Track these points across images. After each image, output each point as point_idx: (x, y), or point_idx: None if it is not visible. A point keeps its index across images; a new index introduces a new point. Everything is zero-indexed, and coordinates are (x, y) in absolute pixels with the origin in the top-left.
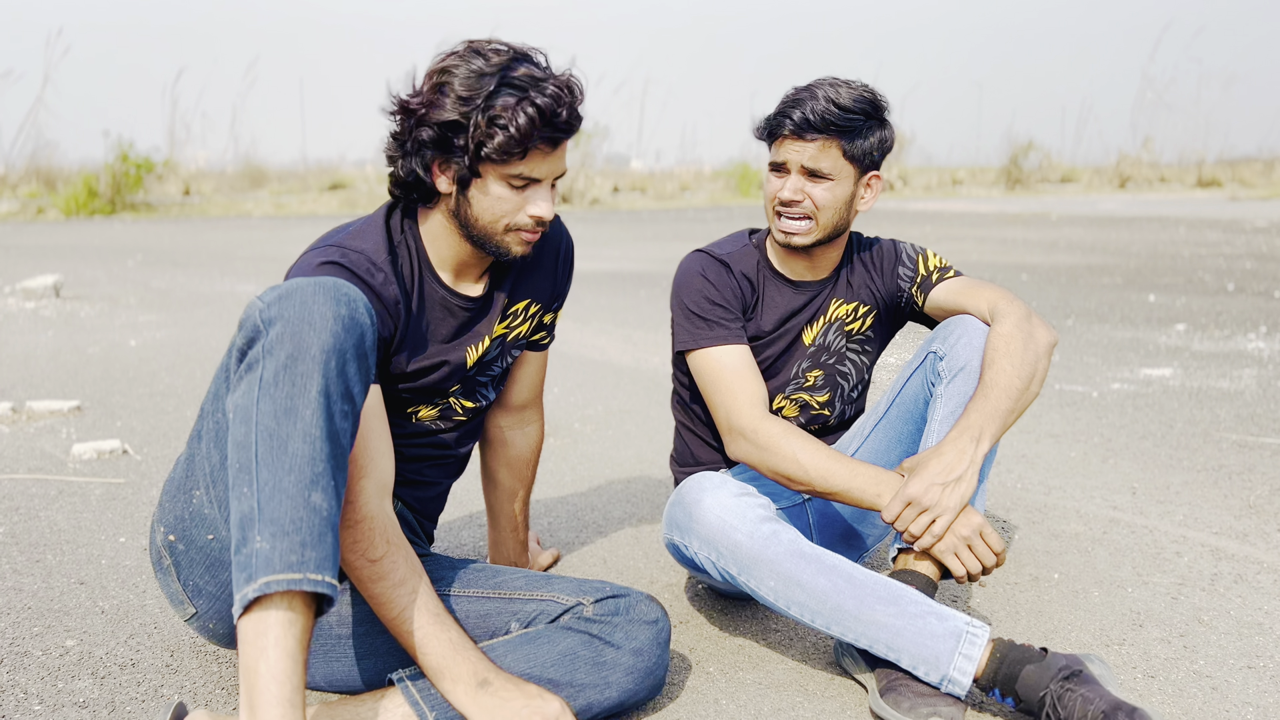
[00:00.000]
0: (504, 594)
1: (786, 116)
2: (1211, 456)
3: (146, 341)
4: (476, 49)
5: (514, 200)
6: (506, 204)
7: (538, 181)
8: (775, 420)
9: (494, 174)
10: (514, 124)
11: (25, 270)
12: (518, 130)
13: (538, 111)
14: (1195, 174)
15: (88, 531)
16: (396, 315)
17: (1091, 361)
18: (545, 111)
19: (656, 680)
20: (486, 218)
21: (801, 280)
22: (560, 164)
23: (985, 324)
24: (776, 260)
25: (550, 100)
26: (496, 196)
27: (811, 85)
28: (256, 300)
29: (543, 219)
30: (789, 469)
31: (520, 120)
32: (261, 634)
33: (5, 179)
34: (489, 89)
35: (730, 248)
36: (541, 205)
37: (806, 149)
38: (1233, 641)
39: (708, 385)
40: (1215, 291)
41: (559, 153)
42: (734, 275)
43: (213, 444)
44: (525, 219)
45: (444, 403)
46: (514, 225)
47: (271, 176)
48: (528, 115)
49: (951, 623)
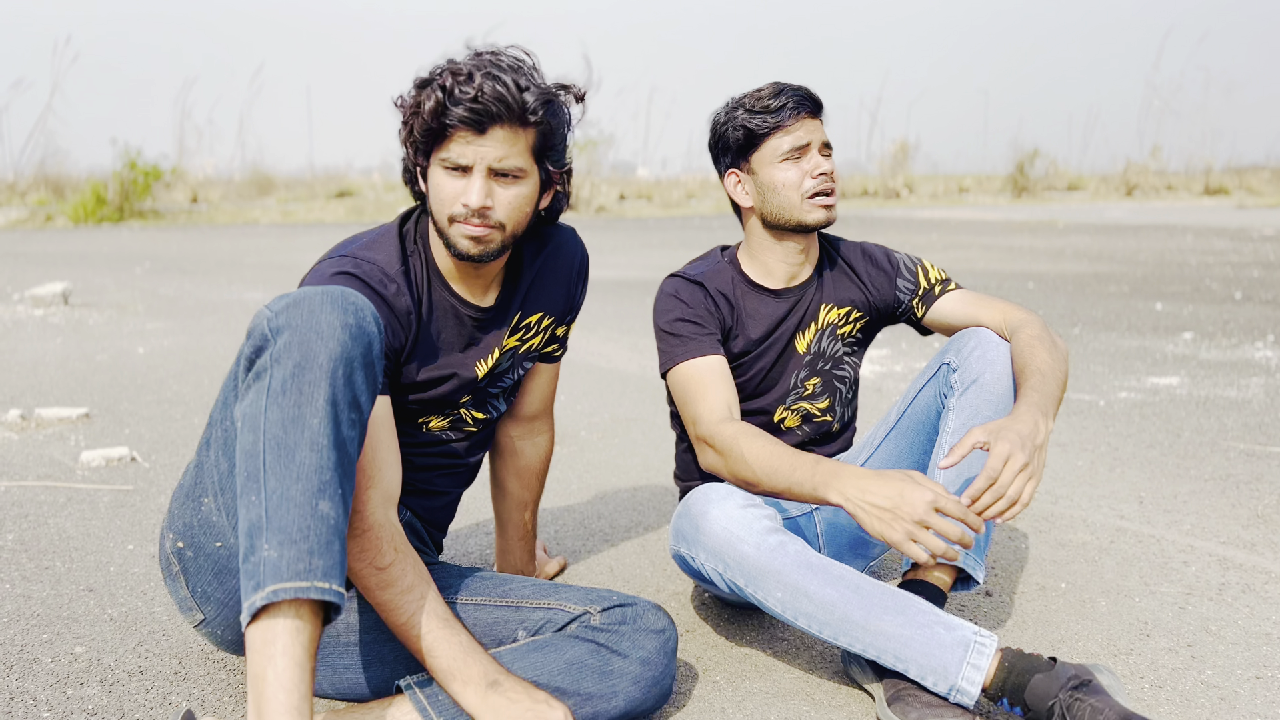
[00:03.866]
0: (511, 602)
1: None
2: (1219, 466)
3: (155, 349)
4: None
5: (451, 189)
6: (444, 192)
7: (468, 169)
8: (733, 423)
9: (434, 162)
10: (424, 106)
11: (34, 278)
12: (428, 113)
13: (444, 92)
14: (1202, 182)
15: (96, 538)
16: (408, 326)
17: (1098, 370)
18: (453, 91)
19: (663, 689)
20: (435, 210)
21: (780, 288)
22: (491, 151)
23: (999, 337)
24: (753, 271)
25: (463, 81)
26: (436, 185)
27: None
28: (264, 309)
29: (469, 206)
30: (743, 471)
31: (429, 104)
32: (269, 642)
33: (14, 187)
34: (420, 80)
35: (703, 267)
36: (470, 193)
37: (819, 125)
38: (1240, 651)
39: (680, 399)
40: (1223, 300)
41: (490, 139)
42: (710, 294)
43: (221, 452)
44: (459, 209)
45: (455, 413)
46: (453, 215)
47: (279, 184)
48: (436, 98)
49: (959, 632)
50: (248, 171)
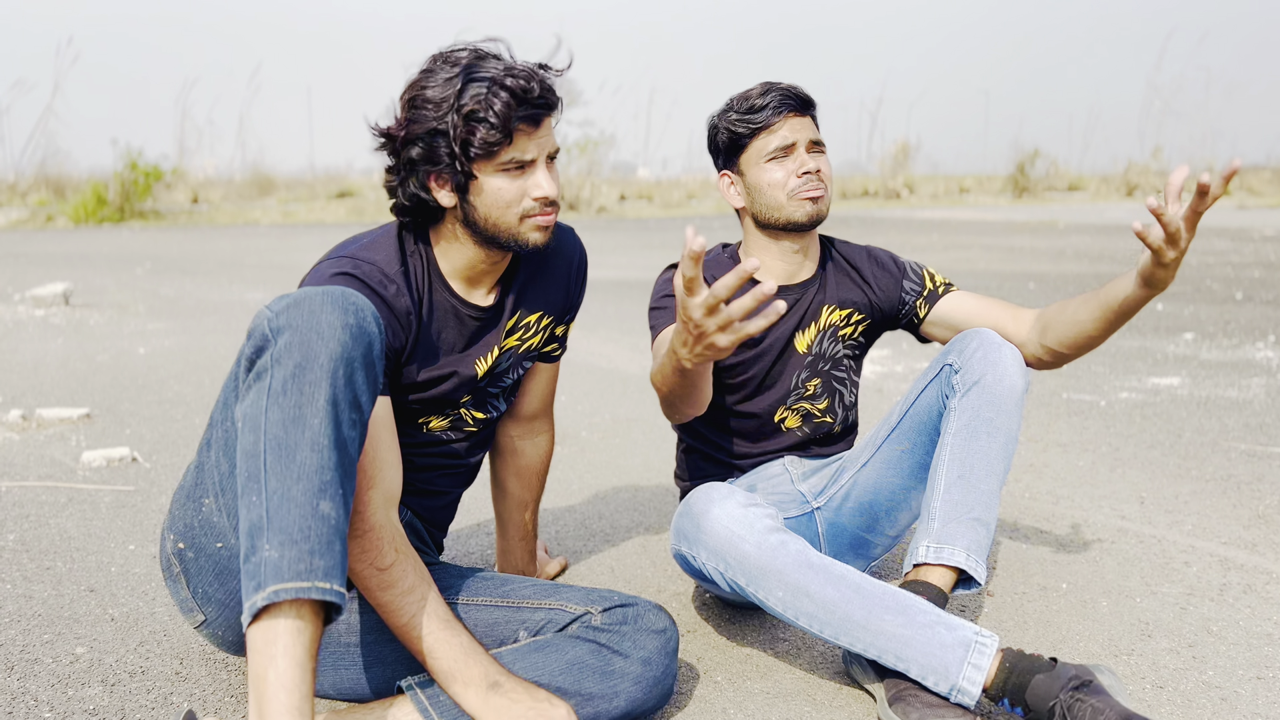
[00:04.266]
0: (512, 602)
1: (784, 99)
2: (1220, 466)
3: (155, 349)
4: (441, 58)
5: (514, 189)
6: (508, 193)
7: (531, 162)
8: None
9: (487, 169)
10: (490, 111)
11: (35, 278)
12: (496, 116)
13: (509, 94)
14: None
15: (97, 539)
16: (408, 326)
17: (1099, 370)
18: (517, 91)
19: (664, 689)
20: (495, 214)
21: (782, 284)
22: (549, 140)
23: (1001, 338)
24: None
25: (520, 80)
26: (496, 189)
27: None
28: (265, 310)
29: (548, 197)
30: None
31: (496, 106)
32: (270, 642)
33: (15, 187)
34: (457, 88)
35: (704, 258)
36: (544, 184)
37: (808, 123)
38: (1242, 652)
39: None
40: (1223, 300)
41: (544, 129)
42: (708, 283)
43: (222, 452)
44: (531, 203)
45: (455, 413)
46: (524, 213)
47: (279, 185)
48: (502, 100)
49: (960, 632)
50: (248, 172)
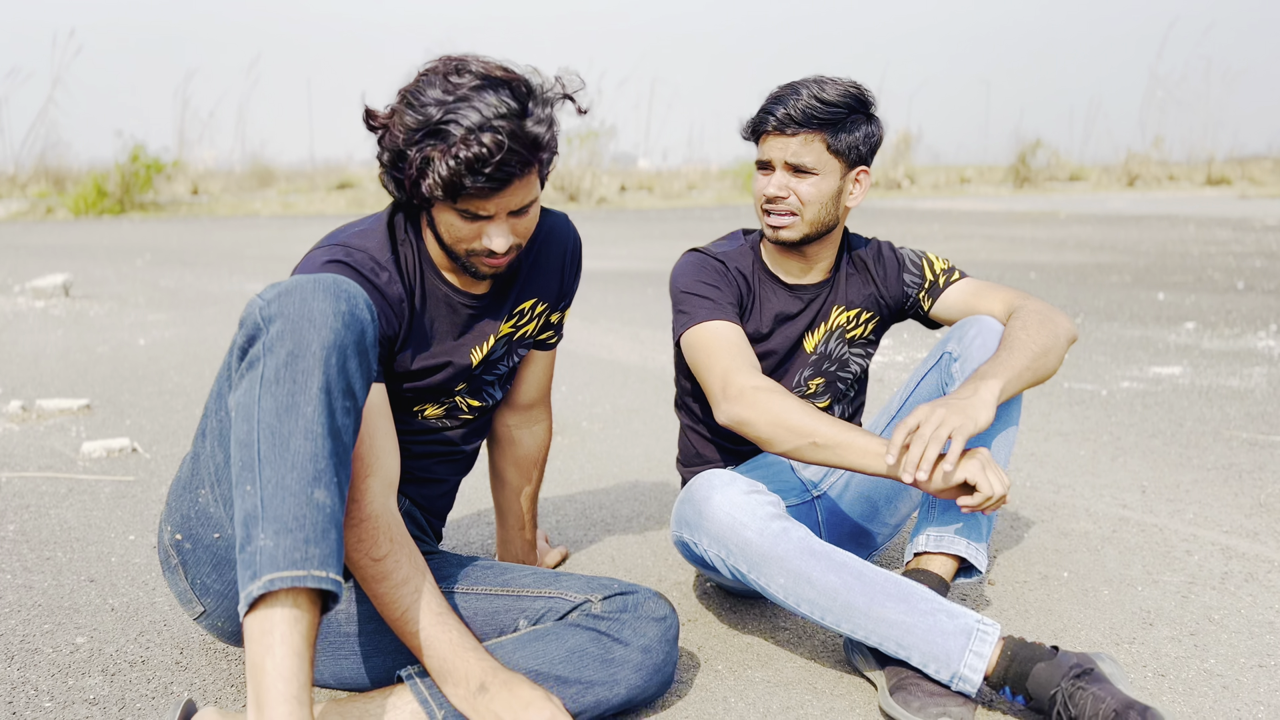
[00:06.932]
0: (512, 591)
1: (770, 113)
2: (1221, 455)
3: (155, 340)
4: (449, 69)
5: (468, 229)
6: (460, 230)
7: (489, 217)
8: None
9: (442, 205)
10: (436, 174)
11: (35, 269)
12: (439, 179)
13: (461, 165)
14: (1205, 172)
15: (97, 529)
16: (401, 314)
17: (1101, 360)
18: (472, 162)
19: (665, 677)
20: (447, 239)
21: (797, 284)
22: (513, 199)
23: (1001, 324)
24: (771, 262)
25: (483, 149)
26: (449, 223)
27: (796, 82)
28: (257, 298)
29: (495, 251)
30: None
31: (442, 171)
32: (267, 631)
33: (15, 178)
34: (431, 122)
35: (726, 247)
36: (495, 240)
37: (790, 144)
38: (1244, 640)
39: (701, 357)
40: (1225, 290)
41: (509, 190)
42: (730, 271)
43: (216, 443)
44: (480, 248)
45: (450, 401)
46: (473, 251)
47: (279, 176)
48: (449, 167)
49: (962, 620)
50: (248, 163)
